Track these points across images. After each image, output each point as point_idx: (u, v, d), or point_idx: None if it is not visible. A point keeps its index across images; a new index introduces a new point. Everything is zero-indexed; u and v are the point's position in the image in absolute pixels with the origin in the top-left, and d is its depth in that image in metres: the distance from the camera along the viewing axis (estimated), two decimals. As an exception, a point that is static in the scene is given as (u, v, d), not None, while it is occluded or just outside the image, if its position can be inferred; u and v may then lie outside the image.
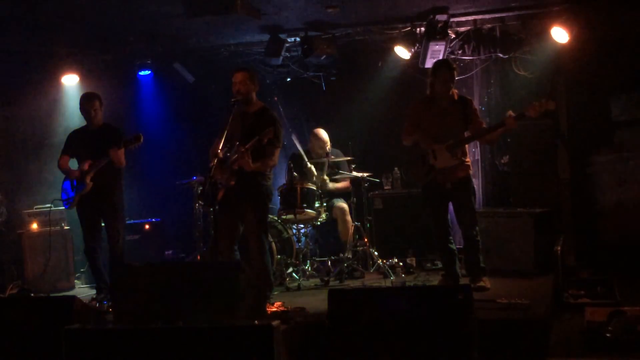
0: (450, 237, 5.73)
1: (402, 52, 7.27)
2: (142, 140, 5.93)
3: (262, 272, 5.28)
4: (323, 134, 7.14)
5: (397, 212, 7.21)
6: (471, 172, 5.76)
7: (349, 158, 6.93)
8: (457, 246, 5.91)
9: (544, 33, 6.85)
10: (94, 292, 6.29)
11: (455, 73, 5.61)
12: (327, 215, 6.77)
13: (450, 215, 5.82)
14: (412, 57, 7.30)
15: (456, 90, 5.67)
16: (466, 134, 5.59)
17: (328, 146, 7.06)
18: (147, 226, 7.61)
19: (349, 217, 6.96)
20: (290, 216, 6.46)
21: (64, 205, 6.33)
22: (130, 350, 3.81)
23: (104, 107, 6.24)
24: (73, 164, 6.22)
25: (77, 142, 6.23)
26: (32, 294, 6.53)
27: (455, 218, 5.84)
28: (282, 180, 6.82)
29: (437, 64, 5.73)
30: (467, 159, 5.66)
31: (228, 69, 7.39)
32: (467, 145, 5.72)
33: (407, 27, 7.28)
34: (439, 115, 5.57)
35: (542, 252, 6.16)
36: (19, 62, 7.65)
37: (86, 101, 6.12)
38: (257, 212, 5.34)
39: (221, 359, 3.69)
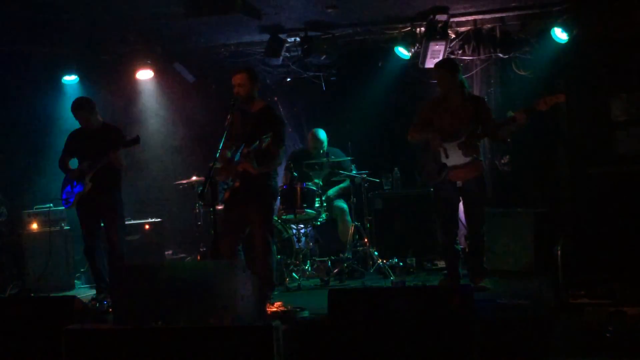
0: (457, 238, 5.73)
1: (402, 52, 7.27)
2: (139, 141, 5.93)
3: (265, 273, 5.27)
4: (319, 134, 7.15)
5: (397, 212, 7.21)
6: (484, 170, 5.74)
7: (350, 158, 6.93)
8: (460, 246, 5.91)
9: (544, 33, 6.85)
10: (94, 292, 6.29)
11: (443, 71, 5.57)
12: (327, 215, 6.77)
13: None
14: (412, 57, 7.30)
15: (470, 90, 5.68)
16: (478, 132, 5.58)
17: (323, 146, 7.07)
18: (147, 226, 7.60)
19: (348, 217, 6.97)
20: (290, 216, 6.46)
21: (63, 205, 6.34)
22: (130, 350, 3.81)
23: (103, 107, 6.24)
24: (74, 163, 6.22)
25: (77, 142, 6.23)
26: (32, 294, 6.53)
27: (463, 217, 5.84)
28: (283, 180, 6.83)
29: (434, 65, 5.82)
30: (480, 157, 5.65)
31: (228, 69, 7.41)
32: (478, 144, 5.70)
33: (407, 27, 7.28)
34: (450, 114, 5.56)
35: (542, 252, 6.16)
36: (19, 62, 7.66)
37: (74, 113, 6.11)
38: (262, 212, 5.32)
39: (221, 359, 3.70)
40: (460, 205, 5.83)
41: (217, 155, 5.03)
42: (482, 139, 5.87)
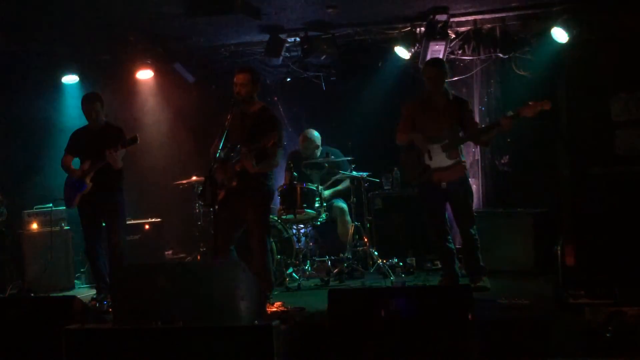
0: (449, 237, 5.72)
1: (402, 52, 7.27)
2: (138, 141, 5.93)
3: (263, 272, 5.28)
4: (308, 133, 7.16)
5: (397, 212, 7.21)
6: (467, 172, 5.75)
7: (349, 158, 6.92)
8: (457, 246, 5.90)
9: (544, 33, 6.85)
10: (94, 292, 6.29)
11: (438, 71, 5.56)
12: (327, 215, 6.76)
13: (449, 215, 5.82)
14: (412, 57, 7.29)
15: (453, 92, 5.68)
16: (461, 134, 5.58)
17: (314, 145, 7.07)
18: (147, 226, 7.60)
19: (348, 217, 6.96)
20: (290, 216, 6.46)
21: (65, 205, 6.34)
22: (130, 350, 3.81)
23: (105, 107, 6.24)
24: (77, 164, 6.22)
25: (79, 141, 6.23)
26: (32, 294, 6.53)
27: (452, 218, 5.84)
28: (282, 180, 6.83)
29: (424, 63, 5.78)
30: (463, 159, 5.65)
31: (228, 69, 7.41)
32: (463, 146, 5.71)
33: (407, 27, 7.28)
34: (434, 115, 5.56)
35: (542, 252, 6.16)
36: (19, 62, 7.66)
37: (87, 103, 6.12)
38: (258, 211, 5.33)
39: (221, 359, 3.70)
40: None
41: (217, 155, 5.04)
42: (465, 142, 5.83)
